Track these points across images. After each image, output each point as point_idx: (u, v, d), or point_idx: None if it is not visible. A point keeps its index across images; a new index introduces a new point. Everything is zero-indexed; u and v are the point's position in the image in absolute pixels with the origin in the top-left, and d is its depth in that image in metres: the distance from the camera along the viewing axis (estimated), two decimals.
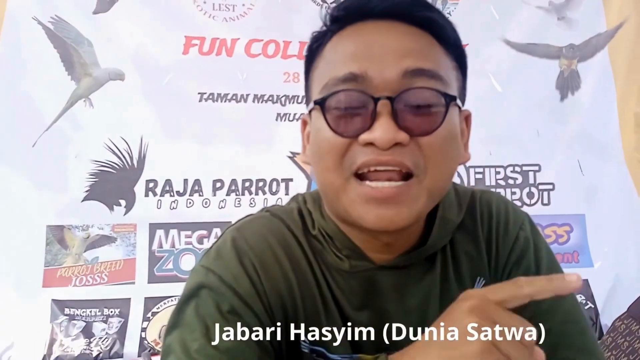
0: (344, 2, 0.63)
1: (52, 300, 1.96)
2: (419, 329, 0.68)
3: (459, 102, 0.62)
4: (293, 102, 2.20)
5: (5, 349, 1.87)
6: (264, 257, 0.67)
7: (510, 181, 2.27)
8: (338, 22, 0.63)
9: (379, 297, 0.68)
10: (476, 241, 0.72)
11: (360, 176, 0.58)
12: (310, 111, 0.65)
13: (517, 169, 2.28)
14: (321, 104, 0.59)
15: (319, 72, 0.63)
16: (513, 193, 2.26)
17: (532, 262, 0.71)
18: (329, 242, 0.69)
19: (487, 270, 0.72)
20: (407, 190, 0.57)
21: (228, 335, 0.61)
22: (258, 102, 2.20)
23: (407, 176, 0.58)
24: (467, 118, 0.67)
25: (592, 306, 2.13)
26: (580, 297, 2.13)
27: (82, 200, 2.07)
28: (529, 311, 0.67)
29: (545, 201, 2.26)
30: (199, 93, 2.17)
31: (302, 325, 0.67)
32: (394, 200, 0.57)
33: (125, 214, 2.08)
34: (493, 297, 0.50)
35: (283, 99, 2.20)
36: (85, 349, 1.93)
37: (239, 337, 0.61)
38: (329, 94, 0.59)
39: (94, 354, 1.93)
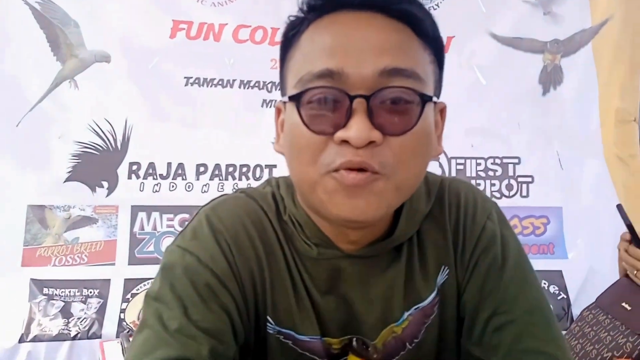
0: None
1: (31, 279, 1.96)
2: (382, 317, 0.70)
3: (434, 98, 0.62)
4: (279, 89, 2.20)
5: None
6: (238, 238, 0.68)
7: (491, 173, 2.29)
8: (315, 10, 0.61)
9: (343, 284, 0.69)
10: (443, 230, 0.73)
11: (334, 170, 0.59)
12: (283, 95, 0.65)
13: (498, 161, 2.30)
14: (296, 99, 0.59)
15: (295, 63, 0.62)
16: (493, 184, 2.28)
17: (499, 253, 0.72)
18: (298, 229, 0.69)
19: (452, 259, 0.72)
20: (375, 181, 0.57)
21: (206, 315, 0.62)
22: (244, 88, 2.20)
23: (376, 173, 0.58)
24: (442, 111, 0.67)
25: (565, 297, 2.17)
26: (554, 287, 2.18)
27: (65, 181, 2.05)
28: (495, 300, 0.69)
29: (524, 193, 2.29)
30: (185, 77, 2.16)
31: (270, 306, 0.68)
32: (363, 187, 0.57)
33: (107, 196, 2.08)
34: None
35: (269, 85, 2.20)
36: (63, 329, 1.92)
37: (217, 317, 0.62)
38: (304, 90, 0.58)
39: (72, 334, 1.92)
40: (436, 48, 0.63)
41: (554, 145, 2.31)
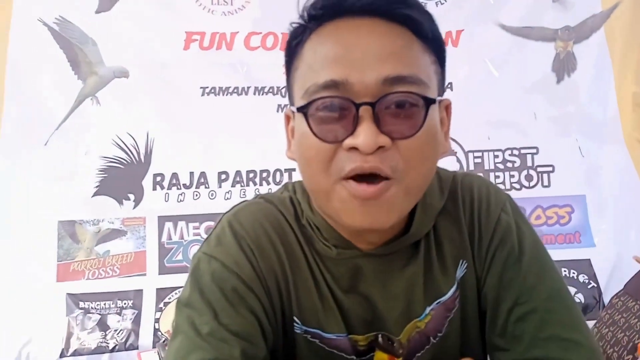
0: None
1: (67, 294, 2.02)
2: (405, 312, 0.72)
3: (438, 99, 0.63)
4: (288, 97, 2.22)
5: (24, 345, 1.92)
6: (260, 241, 0.70)
7: (509, 164, 2.28)
8: (316, 19, 0.62)
9: (364, 282, 0.71)
10: (458, 225, 0.74)
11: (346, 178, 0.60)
12: (292, 105, 0.67)
13: (516, 152, 2.29)
14: (304, 111, 0.60)
15: (300, 75, 0.63)
16: (512, 176, 2.27)
17: (516, 243, 0.72)
18: (316, 232, 0.71)
19: (469, 252, 0.73)
20: (387, 189, 0.59)
21: (235, 319, 0.64)
22: (259, 94, 2.24)
23: (387, 178, 0.60)
24: (447, 107, 0.68)
25: (595, 285, 2.14)
26: (583, 277, 2.15)
27: (93, 196, 2.13)
28: (515, 289, 0.69)
29: (546, 183, 2.26)
30: (201, 87, 2.22)
31: (296, 306, 0.71)
32: (376, 199, 0.59)
33: (134, 208, 2.14)
34: None
35: (283, 90, 2.22)
36: (101, 342, 1.98)
37: (246, 320, 0.65)
38: (310, 101, 0.59)
39: (110, 346, 1.98)
40: (437, 48, 0.64)
41: (573, 133, 2.29)
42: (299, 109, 0.61)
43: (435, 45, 0.64)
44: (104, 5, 2.18)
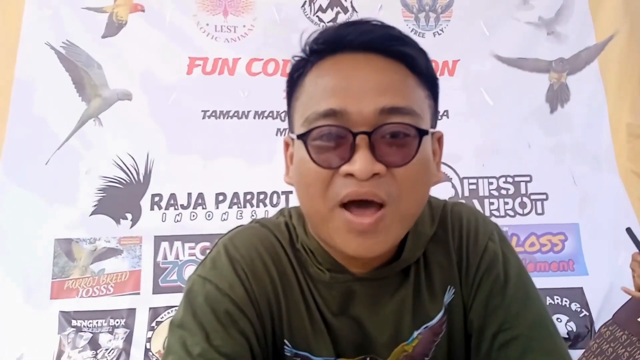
0: (322, 34, 0.66)
1: (60, 312, 2.02)
2: (393, 336, 0.73)
3: (430, 130, 0.66)
4: (287, 124, 2.25)
5: None
6: (254, 265, 0.72)
7: (503, 191, 2.29)
8: (317, 53, 0.66)
9: (355, 306, 0.73)
10: (447, 252, 0.76)
11: (343, 205, 0.62)
12: (291, 132, 0.70)
13: (510, 179, 2.31)
14: (304, 138, 0.63)
15: (301, 104, 0.66)
16: (506, 203, 2.28)
17: (502, 272, 0.74)
18: (310, 256, 0.73)
19: (457, 279, 0.75)
20: (382, 219, 0.61)
21: (226, 341, 0.65)
22: (259, 118, 2.28)
23: (382, 204, 0.62)
24: (439, 139, 0.71)
25: (587, 314, 2.12)
26: (576, 305, 2.14)
27: (91, 214, 2.14)
28: (500, 316, 0.71)
29: (540, 211, 2.28)
30: (202, 111, 2.26)
31: (287, 329, 0.72)
32: (371, 230, 0.61)
33: (131, 227, 2.15)
34: None
35: (283, 114, 2.26)
36: None
37: (236, 342, 0.66)
38: (310, 129, 0.62)
39: None
40: (430, 83, 0.68)
41: (566, 161, 2.31)
42: (299, 136, 0.64)
43: (429, 80, 0.67)
44: (110, 30, 2.25)
